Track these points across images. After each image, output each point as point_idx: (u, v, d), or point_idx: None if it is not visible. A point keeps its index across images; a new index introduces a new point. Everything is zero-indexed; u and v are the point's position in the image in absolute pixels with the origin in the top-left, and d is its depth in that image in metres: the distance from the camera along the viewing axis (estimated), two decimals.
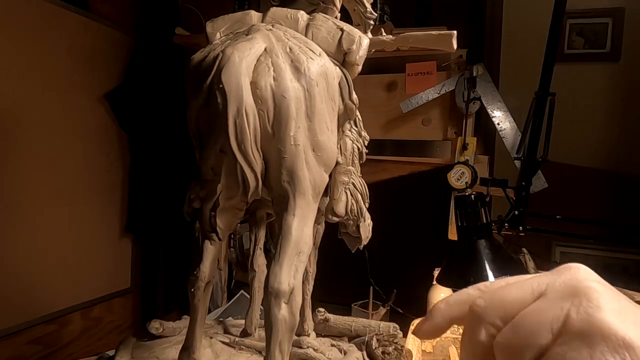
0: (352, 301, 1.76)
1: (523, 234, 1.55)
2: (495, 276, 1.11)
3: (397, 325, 1.17)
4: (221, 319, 1.22)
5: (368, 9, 0.86)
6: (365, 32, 0.88)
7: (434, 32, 0.82)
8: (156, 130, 1.92)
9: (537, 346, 0.32)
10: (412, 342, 1.14)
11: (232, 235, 2.00)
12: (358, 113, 0.83)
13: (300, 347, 1.02)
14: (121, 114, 1.76)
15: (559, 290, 0.34)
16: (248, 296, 1.69)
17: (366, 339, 1.10)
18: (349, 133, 0.91)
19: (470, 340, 0.36)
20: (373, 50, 0.84)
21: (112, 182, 1.68)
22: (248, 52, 0.64)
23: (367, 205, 0.99)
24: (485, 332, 0.35)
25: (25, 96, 1.34)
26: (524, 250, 1.68)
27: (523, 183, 1.56)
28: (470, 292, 0.38)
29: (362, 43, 0.73)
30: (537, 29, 1.88)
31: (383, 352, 1.06)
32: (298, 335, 1.06)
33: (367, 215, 1.00)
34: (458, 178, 1.56)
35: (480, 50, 1.87)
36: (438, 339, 1.24)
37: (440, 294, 1.48)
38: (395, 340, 1.11)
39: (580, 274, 0.34)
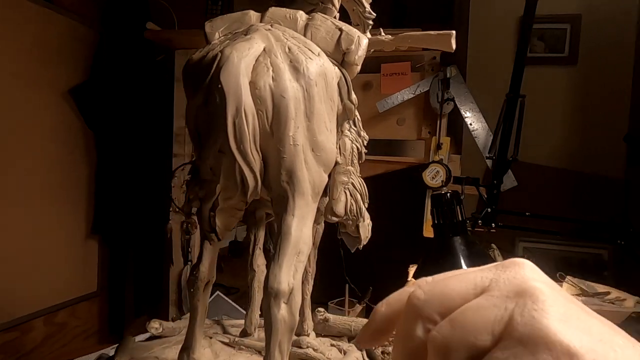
0: (328, 299, 1.77)
1: (494, 231, 1.60)
2: None
3: None
4: (216, 319, 1.22)
5: (367, 9, 0.87)
6: (364, 32, 0.89)
7: (432, 33, 0.83)
8: (123, 128, 1.88)
9: (474, 347, 0.31)
10: None
11: None
12: (357, 113, 0.83)
13: (300, 347, 1.02)
14: (87, 111, 1.72)
15: (504, 288, 0.32)
16: (225, 297, 1.69)
17: None
18: (348, 133, 0.91)
19: (405, 334, 0.34)
20: (372, 50, 0.84)
21: (77, 181, 1.66)
22: (247, 52, 0.64)
23: (366, 205, 1.00)
24: (422, 327, 0.33)
25: None
26: (493, 245, 1.76)
27: (495, 181, 1.61)
28: (411, 289, 0.35)
29: (361, 43, 0.74)
30: (501, 33, 1.94)
31: (382, 352, 1.07)
32: (298, 335, 1.06)
33: (367, 215, 1.01)
34: (433, 177, 1.61)
35: (452, 53, 1.93)
36: None
37: None
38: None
39: (527, 272, 0.32)
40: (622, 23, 3.13)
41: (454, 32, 0.82)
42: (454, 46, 0.83)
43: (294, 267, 0.67)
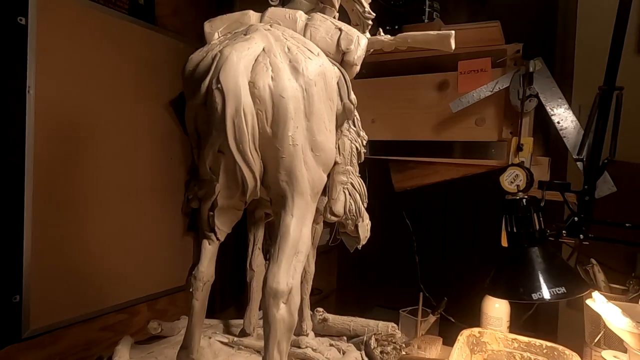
0: (401, 306, 1.65)
1: (587, 243, 1.40)
2: (549, 287, 1.07)
3: (395, 325, 1.16)
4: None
5: (366, 9, 0.87)
6: (363, 32, 0.89)
7: (432, 32, 0.82)
8: None
9: None
10: (457, 354, 1.10)
11: None
12: (356, 113, 0.82)
13: (299, 347, 1.02)
14: (184, 121, 1.80)
15: None
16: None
17: (365, 338, 1.09)
18: (347, 133, 0.91)
19: None
20: (372, 50, 0.84)
21: (176, 184, 1.76)
22: (246, 52, 0.64)
23: (365, 205, 0.99)
24: None
25: (99, 104, 1.44)
26: (593, 261, 1.53)
27: (586, 187, 1.40)
28: None
29: (360, 43, 0.73)
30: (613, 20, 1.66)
31: (381, 352, 1.06)
32: (297, 335, 1.06)
33: (366, 215, 1.01)
34: (511, 181, 1.45)
35: (553, 44, 1.73)
36: (490, 351, 1.21)
37: (494, 304, 1.41)
38: (393, 340, 1.10)
39: None
40: None
41: (453, 32, 0.81)
42: (453, 47, 0.81)
43: (293, 267, 0.66)
